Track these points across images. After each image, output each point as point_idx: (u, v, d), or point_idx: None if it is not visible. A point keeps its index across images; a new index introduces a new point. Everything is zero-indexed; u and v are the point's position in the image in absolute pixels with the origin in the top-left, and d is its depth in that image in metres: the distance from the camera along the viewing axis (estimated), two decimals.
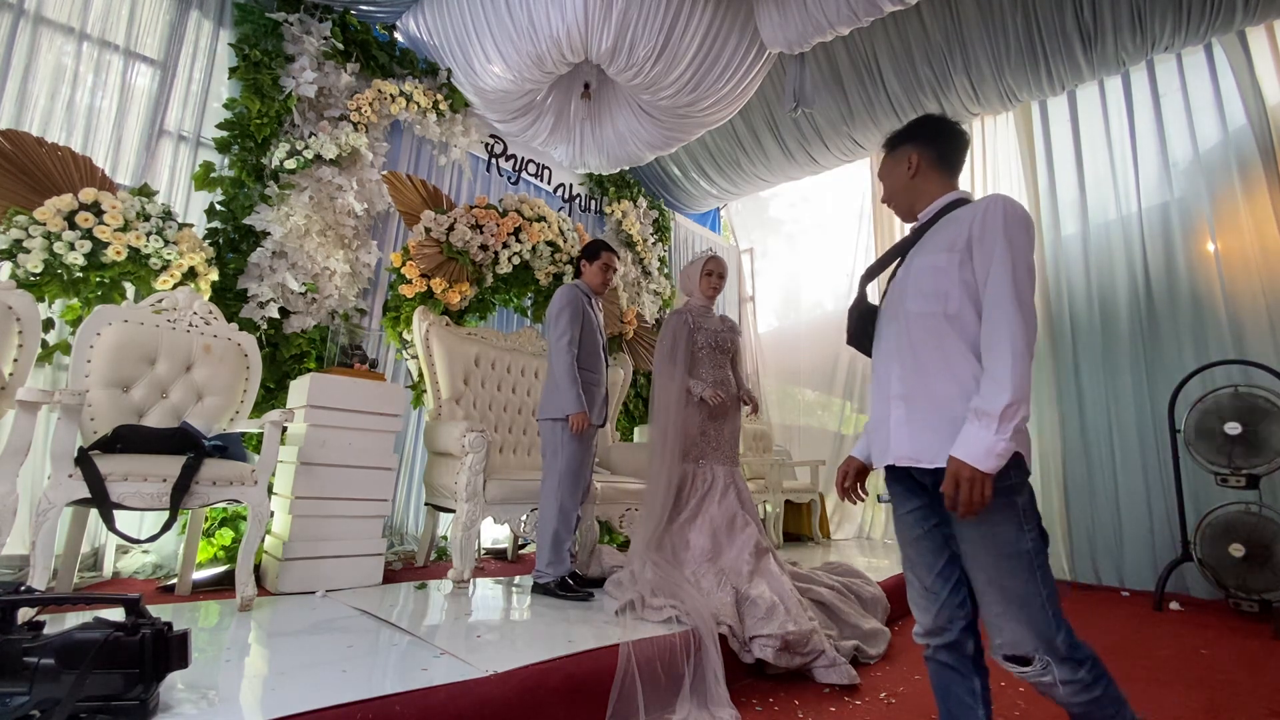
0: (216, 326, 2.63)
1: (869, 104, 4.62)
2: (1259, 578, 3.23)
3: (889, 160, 1.51)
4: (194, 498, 2.13)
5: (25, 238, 2.40)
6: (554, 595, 2.59)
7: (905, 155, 1.46)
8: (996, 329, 1.20)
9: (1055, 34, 3.97)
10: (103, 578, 2.64)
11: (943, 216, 1.37)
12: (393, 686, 1.47)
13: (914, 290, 1.34)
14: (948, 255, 1.29)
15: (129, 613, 1.30)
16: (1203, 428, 3.47)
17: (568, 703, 1.70)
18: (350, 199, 3.41)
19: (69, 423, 1.97)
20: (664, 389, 2.81)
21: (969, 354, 1.26)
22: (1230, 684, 2.27)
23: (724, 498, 2.74)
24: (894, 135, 1.51)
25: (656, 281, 5.47)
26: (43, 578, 1.86)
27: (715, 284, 2.93)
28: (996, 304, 1.21)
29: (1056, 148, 4.72)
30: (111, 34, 2.94)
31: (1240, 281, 3.82)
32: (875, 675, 2.30)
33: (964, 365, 1.25)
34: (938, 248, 1.32)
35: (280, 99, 3.27)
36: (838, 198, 6.33)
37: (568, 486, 2.65)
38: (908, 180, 1.45)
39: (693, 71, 3.68)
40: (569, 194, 5.06)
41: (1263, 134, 3.80)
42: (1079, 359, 4.40)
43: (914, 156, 1.44)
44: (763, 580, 2.47)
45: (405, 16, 3.86)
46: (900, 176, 1.47)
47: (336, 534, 2.61)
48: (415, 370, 3.68)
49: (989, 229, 1.24)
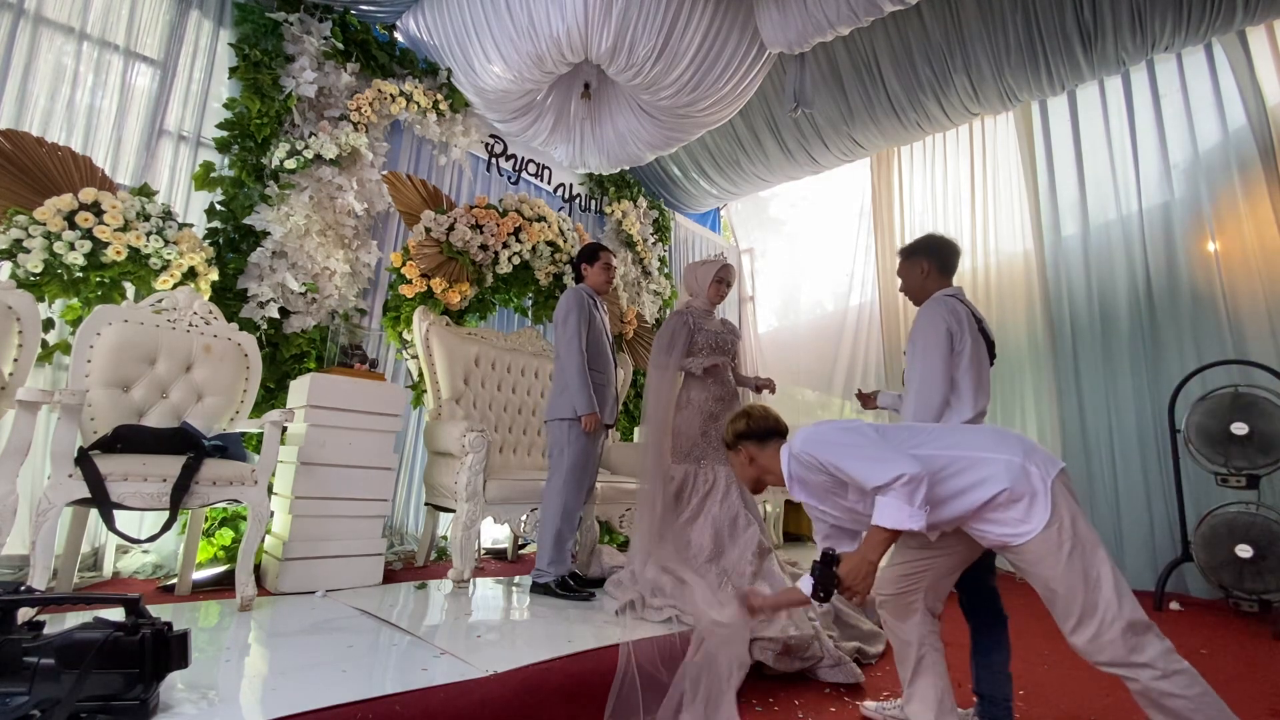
0: (216, 326, 2.63)
1: (869, 104, 4.62)
2: (1259, 578, 3.23)
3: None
4: (194, 498, 2.13)
5: (25, 238, 2.40)
6: (554, 595, 2.60)
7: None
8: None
9: (1055, 34, 3.97)
10: (103, 578, 2.64)
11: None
12: (393, 686, 1.47)
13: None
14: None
15: (129, 613, 1.30)
16: (1203, 428, 3.47)
17: (568, 703, 1.70)
18: (350, 199, 3.41)
19: (69, 423, 1.97)
20: (657, 381, 2.82)
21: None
22: (1230, 684, 2.27)
23: (726, 498, 2.74)
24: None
25: (656, 281, 5.46)
26: (43, 578, 1.86)
27: (724, 292, 2.96)
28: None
29: (1056, 148, 4.72)
30: (111, 34, 2.94)
31: (1240, 281, 3.82)
32: (876, 675, 2.30)
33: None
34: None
35: (280, 99, 3.26)
36: (838, 198, 6.32)
37: (572, 486, 2.65)
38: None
39: (693, 71, 3.68)
40: (569, 194, 5.05)
41: (1263, 134, 3.80)
42: (1079, 359, 4.40)
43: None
44: (765, 582, 2.47)
45: (405, 16, 3.86)
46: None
47: (336, 534, 2.61)
48: (415, 370, 3.68)
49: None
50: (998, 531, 1.41)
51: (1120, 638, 1.28)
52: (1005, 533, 1.40)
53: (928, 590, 1.61)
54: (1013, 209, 4.95)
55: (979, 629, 1.84)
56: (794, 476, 1.62)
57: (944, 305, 1.90)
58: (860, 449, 1.45)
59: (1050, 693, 2.15)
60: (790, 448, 1.61)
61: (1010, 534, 1.39)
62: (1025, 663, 2.35)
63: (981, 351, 1.92)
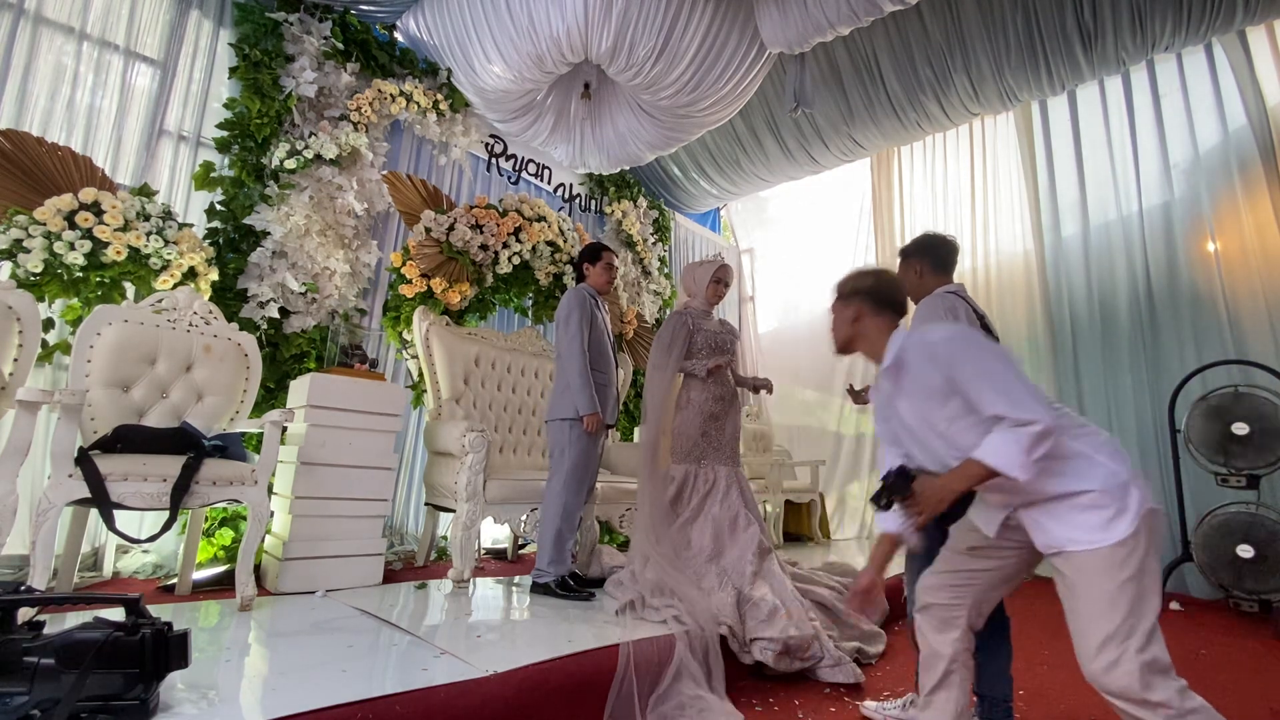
0: (216, 326, 2.63)
1: (869, 104, 4.62)
2: (1259, 578, 3.23)
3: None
4: (194, 498, 2.13)
5: (25, 238, 2.40)
6: (554, 595, 2.59)
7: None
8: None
9: (1055, 34, 3.97)
10: (103, 578, 2.64)
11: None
12: (393, 686, 1.47)
13: None
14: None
15: (129, 613, 1.30)
16: (1203, 428, 3.47)
17: (568, 703, 1.70)
18: (350, 199, 3.41)
19: (69, 423, 1.97)
20: (656, 382, 2.82)
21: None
22: (1230, 684, 2.27)
23: (726, 497, 2.74)
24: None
25: (656, 281, 5.46)
26: (43, 578, 1.86)
27: (721, 292, 2.96)
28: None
29: (1056, 148, 4.73)
30: (111, 34, 2.94)
31: (1240, 281, 3.82)
32: (876, 675, 2.30)
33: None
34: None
35: (280, 99, 3.26)
36: (838, 198, 6.32)
37: (573, 486, 2.65)
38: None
39: (693, 71, 3.68)
40: (569, 194, 5.05)
41: (1263, 134, 3.80)
42: (1079, 359, 4.40)
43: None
44: (765, 582, 2.47)
45: (405, 16, 3.86)
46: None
47: (336, 534, 2.61)
48: (415, 370, 3.68)
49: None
50: (1062, 531, 1.32)
51: (1138, 671, 1.20)
52: (1070, 535, 1.31)
53: (972, 605, 1.51)
54: (1013, 209, 4.96)
55: (981, 630, 1.84)
56: (903, 362, 1.47)
57: (942, 301, 1.90)
58: (1005, 378, 1.33)
59: (1051, 693, 2.15)
60: (924, 335, 1.46)
61: (1075, 538, 1.30)
62: (1026, 664, 2.35)
63: None
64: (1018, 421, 1.27)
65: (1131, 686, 1.20)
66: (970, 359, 1.37)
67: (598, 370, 2.76)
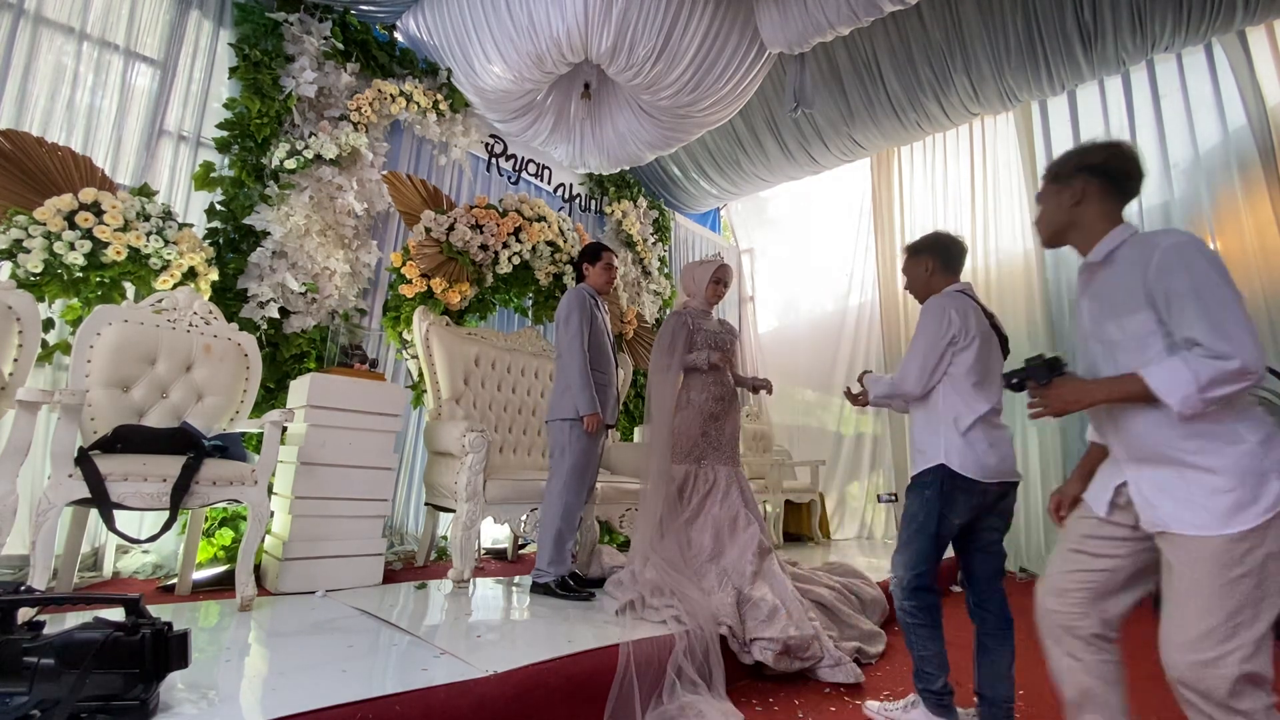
0: (216, 326, 2.63)
1: (869, 104, 4.62)
2: None
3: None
4: (194, 498, 2.12)
5: (25, 238, 2.40)
6: (554, 595, 2.59)
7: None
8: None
9: (1055, 34, 3.97)
10: (103, 578, 2.64)
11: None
12: (393, 686, 1.47)
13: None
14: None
15: (129, 613, 1.30)
16: None
17: (568, 703, 1.70)
18: (350, 199, 3.41)
19: (69, 423, 1.97)
20: (659, 382, 2.82)
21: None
22: None
23: (726, 497, 2.74)
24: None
25: (656, 281, 5.47)
26: (43, 578, 1.86)
27: (721, 292, 2.96)
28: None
29: (1057, 148, 4.72)
30: (111, 34, 2.94)
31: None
32: (876, 675, 2.30)
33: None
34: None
35: (280, 99, 3.26)
36: (838, 198, 6.32)
37: (574, 486, 2.65)
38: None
39: (693, 71, 3.68)
40: (569, 194, 5.05)
41: (1263, 134, 3.80)
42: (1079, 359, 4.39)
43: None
44: (765, 582, 2.47)
45: (405, 16, 3.86)
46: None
47: (336, 534, 2.61)
48: (415, 370, 3.68)
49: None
50: (1172, 510, 1.18)
51: (1234, 676, 1.08)
52: (1179, 515, 1.17)
53: (1095, 611, 1.34)
54: (1013, 209, 4.95)
55: (985, 630, 1.84)
56: (1113, 260, 1.33)
57: (950, 301, 1.89)
58: (1231, 304, 1.14)
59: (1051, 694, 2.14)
60: (1151, 235, 1.30)
61: (1184, 519, 1.16)
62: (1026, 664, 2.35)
63: (992, 349, 1.91)
64: (1213, 352, 1.10)
65: (1218, 689, 1.10)
66: (1191, 270, 1.18)
67: (598, 370, 2.76)
